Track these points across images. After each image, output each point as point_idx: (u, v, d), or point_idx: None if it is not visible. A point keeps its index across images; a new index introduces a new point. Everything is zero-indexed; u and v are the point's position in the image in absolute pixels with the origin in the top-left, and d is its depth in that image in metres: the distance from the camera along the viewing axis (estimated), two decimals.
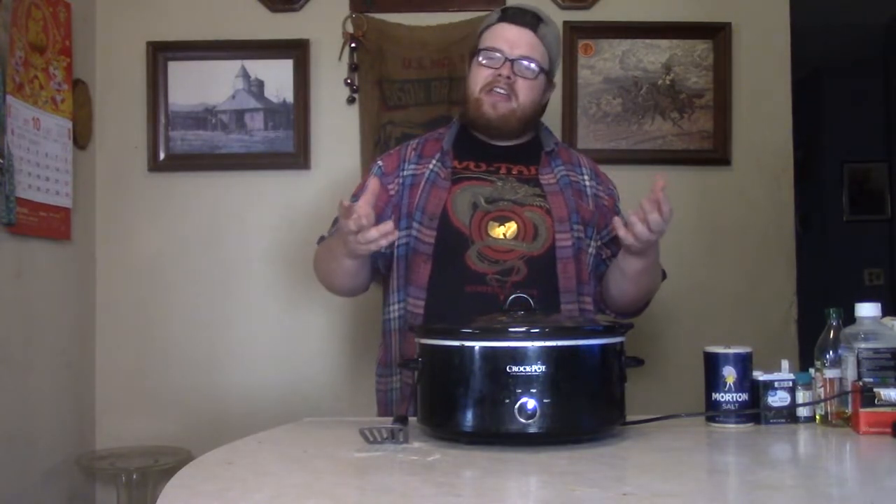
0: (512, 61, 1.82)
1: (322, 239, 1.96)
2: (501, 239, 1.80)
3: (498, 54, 1.83)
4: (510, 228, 1.80)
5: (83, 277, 2.70)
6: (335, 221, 1.93)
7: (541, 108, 1.93)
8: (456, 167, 1.88)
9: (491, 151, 1.91)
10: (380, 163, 1.95)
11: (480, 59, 1.85)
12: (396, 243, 1.85)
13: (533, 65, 1.83)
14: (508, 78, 1.82)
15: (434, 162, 1.89)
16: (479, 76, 1.85)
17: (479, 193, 1.84)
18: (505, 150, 1.91)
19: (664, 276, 1.98)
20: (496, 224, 1.80)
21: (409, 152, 1.93)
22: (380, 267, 1.91)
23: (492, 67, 1.83)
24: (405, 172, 1.89)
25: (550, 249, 1.81)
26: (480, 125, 1.87)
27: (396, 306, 1.87)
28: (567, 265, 1.82)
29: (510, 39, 1.83)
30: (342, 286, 1.91)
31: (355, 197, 1.92)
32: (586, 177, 1.94)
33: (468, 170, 1.88)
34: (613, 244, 1.91)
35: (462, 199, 1.83)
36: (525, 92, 1.84)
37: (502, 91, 1.82)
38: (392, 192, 1.88)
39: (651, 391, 2.54)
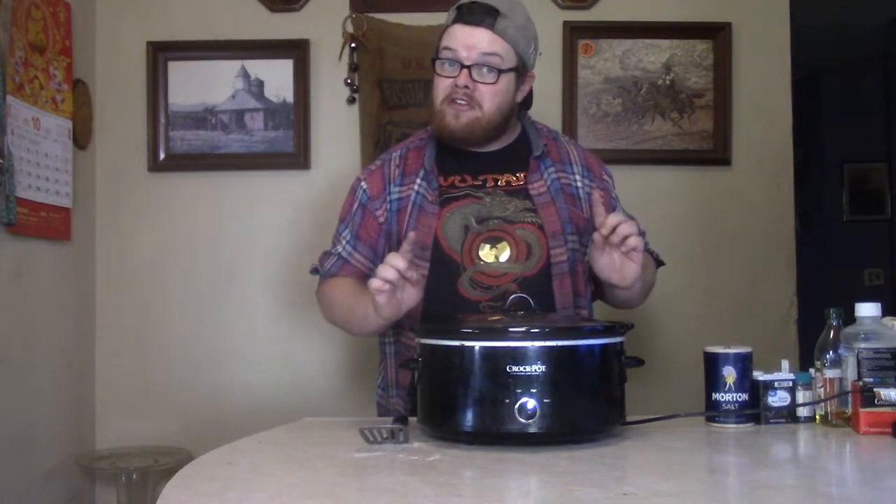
0: (469, 68, 1.71)
1: (315, 271, 1.88)
2: (494, 263, 1.73)
3: (454, 62, 1.72)
4: (503, 250, 1.74)
5: (83, 277, 2.70)
6: (324, 255, 1.87)
7: (517, 105, 1.81)
8: (442, 185, 1.79)
9: (475, 161, 1.81)
10: (363, 185, 1.84)
11: (437, 67, 1.75)
12: None
13: (492, 67, 1.71)
14: (467, 87, 1.71)
15: (418, 182, 1.79)
16: (440, 87, 1.74)
17: (469, 214, 1.76)
18: (490, 157, 1.82)
19: (660, 262, 1.95)
20: (487, 246, 1.74)
21: (393, 170, 1.83)
22: None
23: (450, 77, 1.72)
24: (391, 196, 1.81)
25: (545, 267, 1.75)
26: (445, 137, 1.76)
27: (391, 331, 1.83)
28: (563, 281, 1.77)
29: (465, 42, 1.71)
30: (366, 335, 1.85)
31: (343, 223, 1.86)
32: (578, 176, 1.85)
33: (454, 187, 1.79)
34: None
35: (453, 224, 1.75)
36: (488, 98, 1.72)
37: (462, 102, 1.72)
38: (381, 220, 1.80)
39: (651, 391, 2.54)
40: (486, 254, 1.74)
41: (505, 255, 1.74)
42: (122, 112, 2.78)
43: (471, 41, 1.71)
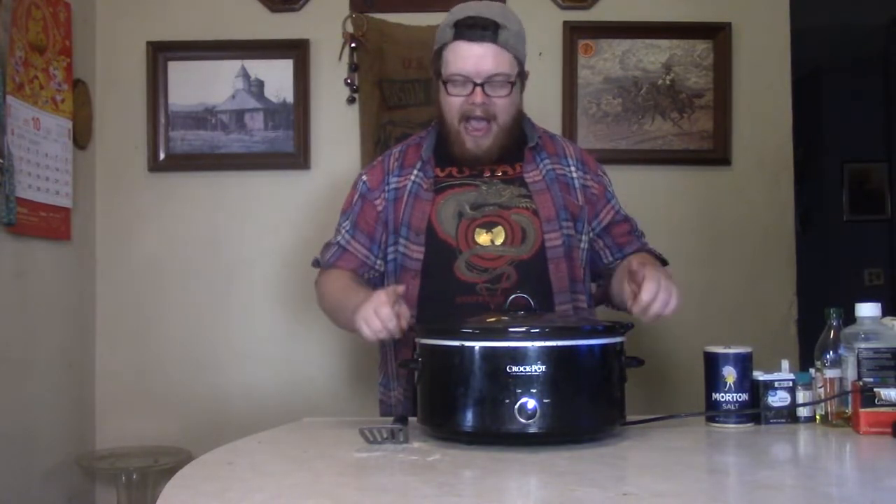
0: (482, 85, 1.74)
1: (317, 262, 1.93)
2: (489, 246, 1.77)
3: (466, 81, 1.74)
4: (498, 235, 1.78)
5: (83, 277, 2.70)
6: (326, 246, 1.91)
7: (521, 107, 1.86)
8: (438, 175, 1.84)
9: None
10: (364, 178, 1.91)
11: (449, 89, 1.77)
12: (386, 259, 1.84)
13: (504, 79, 1.75)
14: (484, 104, 1.75)
15: (415, 172, 1.85)
16: (453, 105, 1.78)
17: (463, 201, 1.80)
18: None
19: (661, 258, 1.95)
20: (483, 231, 1.78)
21: (392, 163, 1.89)
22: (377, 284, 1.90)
23: (462, 95, 1.76)
24: (389, 186, 1.86)
25: (540, 251, 1.79)
26: (468, 160, 1.82)
27: None
28: (559, 265, 1.80)
29: (473, 61, 1.73)
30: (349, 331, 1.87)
31: (344, 215, 1.92)
32: (573, 167, 1.89)
33: (451, 177, 1.84)
34: (607, 234, 1.90)
35: (446, 210, 1.80)
36: (503, 110, 1.77)
37: (481, 118, 1.76)
38: (380, 209, 1.86)
39: (651, 391, 2.54)
40: (483, 239, 1.78)
41: (500, 239, 1.78)
42: (122, 112, 2.78)
43: (478, 60, 1.74)
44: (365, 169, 1.96)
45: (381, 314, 1.53)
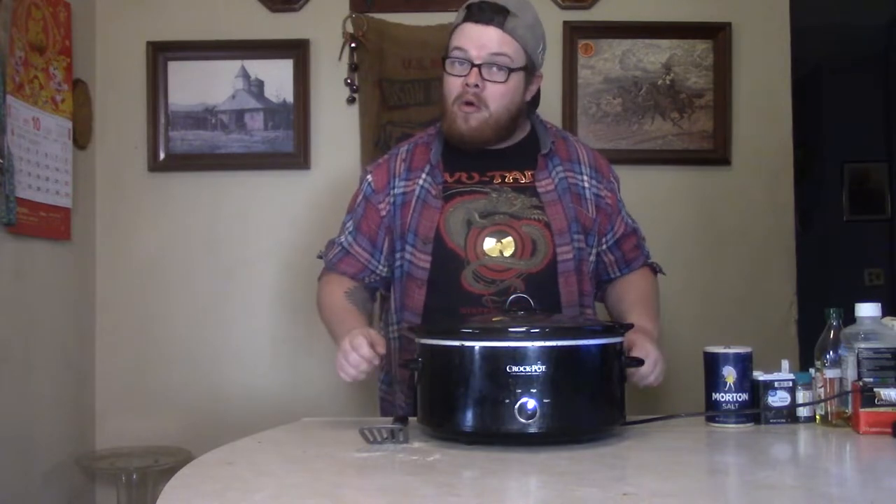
0: (479, 67, 1.72)
1: (320, 256, 1.93)
2: (498, 257, 1.74)
3: (464, 61, 1.74)
4: (508, 246, 1.75)
5: (83, 277, 2.70)
6: (330, 243, 1.91)
7: (525, 104, 1.82)
8: (447, 181, 1.80)
9: (482, 159, 1.81)
10: (370, 178, 1.87)
11: (448, 66, 1.77)
12: (393, 266, 1.83)
13: (504, 62, 1.73)
14: (476, 86, 1.72)
15: (424, 177, 1.81)
16: (451, 87, 1.76)
17: (472, 209, 1.77)
18: (498, 154, 1.82)
19: (659, 270, 1.97)
20: (492, 240, 1.74)
21: (399, 165, 1.85)
22: (381, 290, 1.90)
23: (460, 76, 1.74)
24: (395, 190, 1.82)
25: (551, 264, 1.76)
26: (455, 139, 1.78)
27: (394, 327, 1.84)
28: (569, 278, 1.77)
29: (476, 41, 1.73)
30: None
31: (349, 214, 1.90)
32: (585, 176, 1.85)
33: (460, 182, 1.80)
34: (617, 249, 1.89)
35: (455, 218, 1.77)
36: (496, 99, 1.74)
37: (471, 103, 1.74)
38: (383, 213, 1.83)
39: (651, 391, 2.54)
40: (491, 248, 1.75)
41: (510, 250, 1.75)
42: (122, 112, 2.78)
43: (481, 40, 1.73)
44: (371, 166, 1.92)
45: (351, 357, 1.58)
